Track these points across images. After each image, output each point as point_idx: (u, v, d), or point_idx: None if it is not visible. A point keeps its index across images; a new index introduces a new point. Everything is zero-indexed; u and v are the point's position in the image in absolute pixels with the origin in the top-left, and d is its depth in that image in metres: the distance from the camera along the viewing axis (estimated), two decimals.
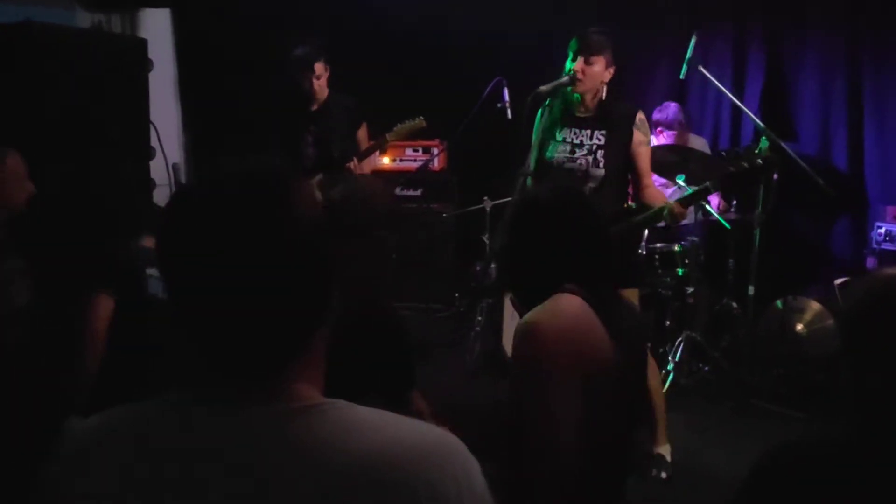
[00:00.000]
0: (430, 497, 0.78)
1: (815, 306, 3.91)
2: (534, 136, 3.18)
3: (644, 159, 3.08)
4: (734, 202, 4.23)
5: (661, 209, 2.95)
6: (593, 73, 3.00)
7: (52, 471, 0.88)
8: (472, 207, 4.69)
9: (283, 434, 0.81)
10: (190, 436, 0.83)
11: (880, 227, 3.96)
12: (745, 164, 2.89)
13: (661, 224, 3.21)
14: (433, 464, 0.80)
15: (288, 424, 0.81)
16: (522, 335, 1.54)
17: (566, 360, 1.50)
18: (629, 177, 3.12)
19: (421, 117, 4.16)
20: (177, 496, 0.80)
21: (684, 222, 4.03)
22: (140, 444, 0.84)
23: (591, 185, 3.05)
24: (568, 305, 1.57)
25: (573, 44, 3.04)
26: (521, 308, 1.67)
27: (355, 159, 4.09)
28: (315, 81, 4.07)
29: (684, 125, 4.35)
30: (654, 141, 3.95)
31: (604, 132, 3.04)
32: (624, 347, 1.61)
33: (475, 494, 0.82)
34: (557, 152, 3.09)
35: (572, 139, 3.08)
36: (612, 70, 3.04)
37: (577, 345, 1.53)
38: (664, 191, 4.24)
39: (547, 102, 3.11)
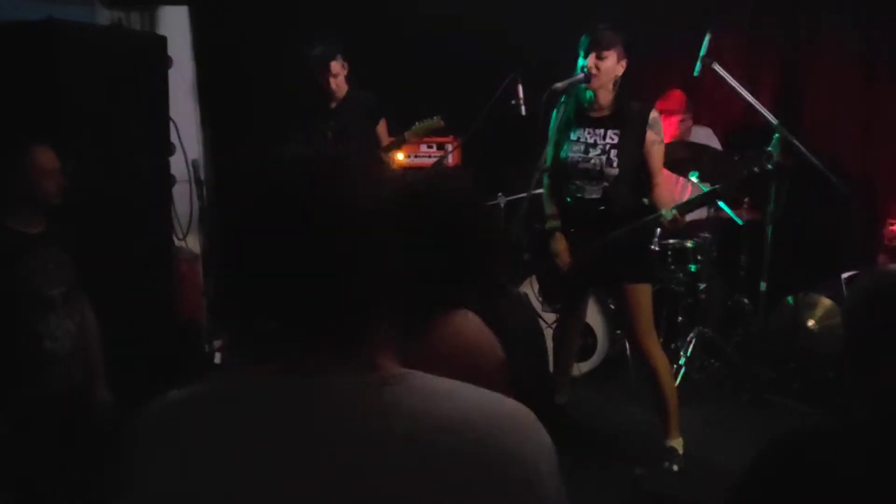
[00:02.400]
0: (512, 461, 0.81)
1: (826, 303, 3.93)
2: (550, 133, 3.22)
3: (656, 158, 3.11)
4: (746, 199, 4.25)
5: (659, 215, 3.00)
6: (606, 68, 3.03)
7: (132, 449, 0.90)
8: (487, 203, 4.72)
9: (372, 403, 0.83)
10: (277, 407, 0.85)
11: (892, 225, 3.97)
12: (756, 169, 2.93)
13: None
14: (514, 431, 0.83)
15: (375, 394, 0.84)
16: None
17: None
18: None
19: (439, 116, 4.20)
20: (265, 469, 0.82)
21: (695, 217, 4.07)
22: (225, 419, 0.86)
23: (605, 183, 3.09)
24: (462, 326, 1.47)
25: (583, 41, 3.08)
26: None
27: (381, 152, 4.15)
28: (332, 80, 4.12)
29: (687, 113, 4.37)
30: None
31: (617, 131, 3.07)
32: (518, 353, 1.57)
33: (550, 463, 0.85)
34: (572, 152, 3.13)
35: (586, 139, 3.12)
36: (624, 63, 3.08)
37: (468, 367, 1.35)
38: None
39: (562, 100, 3.15)
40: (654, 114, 3.11)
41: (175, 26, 4.39)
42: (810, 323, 3.95)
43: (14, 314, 2.47)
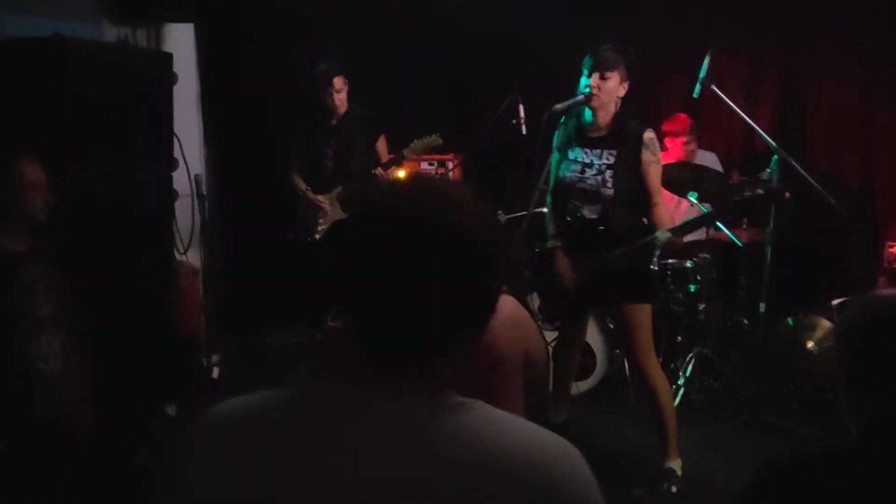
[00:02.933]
0: (564, 492, 0.86)
1: (825, 324, 3.93)
2: (552, 154, 3.25)
3: (653, 178, 3.13)
4: (745, 220, 4.27)
5: (655, 238, 3.00)
6: (609, 88, 3.06)
7: (184, 452, 0.92)
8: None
9: (440, 428, 0.87)
10: (345, 421, 0.88)
11: (892, 247, 3.98)
12: (748, 194, 2.94)
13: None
14: (566, 465, 0.89)
15: (443, 419, 0.88)
16: None
17: (514, 346, 1.71)
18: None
19: (437, 134, 4.23)
20: (326, 482, 0.85)
21: (695, 238, 4.08)
22: (290, 428, 0.88)
23: (602, 203, 3.11)
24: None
25: (587, 61, 3.11)
26: None
27: (380, 168, 4.18)
28: (335, 96, 4.16)
29: (691, 136, 4.41)
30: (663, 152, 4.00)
31: (614, 152, 3.10)
32: None
33: (597, 496, 0.90)
34: (569, 172, 3.17)
35: (583, 159, 3.15)
36: (626, 85, 3.11)
37: (521, 331, 1.74)
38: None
39: (562, 120, 3.18)
40: (649, 134, 3.13)
41: (180, 43, 4.43)
42: (809, 344, 3.95)
43: (8, 335, 2.42)
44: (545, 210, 3.36)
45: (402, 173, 5.28)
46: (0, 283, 2.42)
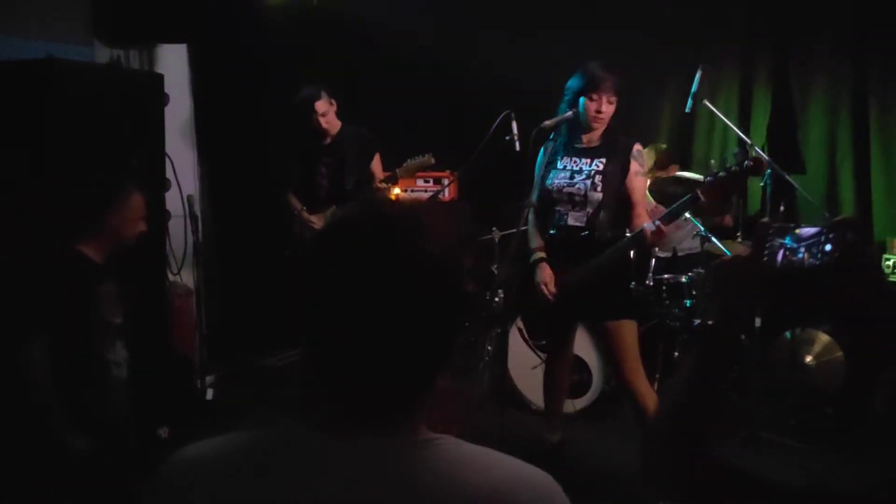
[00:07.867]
0: None
1: (823, 338, 3.92)
2: (536, 170, 3.26)
3: (638, 189, 3.16)
4: (739, 232, 4.26)
5: (640, 230, 2.95)
6: (612, 111, 3.09)
7: (161, 497, 0.89)
8: (482, 238, 4.73)
9: (403, 466, 0.84)
10: (308, 466, 0.85)
11: (888, 260, 3.97)
12: (722, 173, 2.84)
13: (654, 249, 3.21)
14: (541, 499, 0.85)
15: (407, 457, 0.85)
16: None
17: None
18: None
19: (430, 154, 4.23)
20: None
21: (689, 251, 4.06)
22: (257, 472, 0.86)
23: (589, 209, 3.11)
24: None
25: (586, 82, 3.09)
26: None
27: (380, 183, 4.17)
28: (321, 119, 4.15)
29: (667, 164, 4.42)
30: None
31: (603, 160, 3.12)
32: None
33: None
34: (557, 178, 3.18)
35: (572, 167, 3.17)
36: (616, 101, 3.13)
37: None
38: None
39: (551, 136, 3.19)
40: (638, 146, 3.16)
41: (173, 64, 4.45)
42: (808, 359, 3.93)
43: (91, 342, 2.50)
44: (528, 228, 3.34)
45: (397, 190, 5.29)
46: (93, 293, 2.50)
